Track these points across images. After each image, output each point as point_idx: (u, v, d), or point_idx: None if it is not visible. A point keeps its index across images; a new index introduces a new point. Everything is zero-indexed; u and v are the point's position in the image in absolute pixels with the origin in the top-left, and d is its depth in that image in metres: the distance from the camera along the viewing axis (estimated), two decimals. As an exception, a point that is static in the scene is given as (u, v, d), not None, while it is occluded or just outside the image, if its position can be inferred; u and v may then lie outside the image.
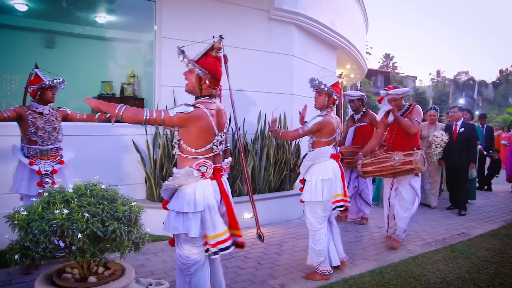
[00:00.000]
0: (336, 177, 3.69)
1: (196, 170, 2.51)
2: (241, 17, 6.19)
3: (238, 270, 3.88)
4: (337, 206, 3.69)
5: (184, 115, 2.43)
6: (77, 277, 2.05)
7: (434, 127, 7.00)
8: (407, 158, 4.30)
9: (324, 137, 3.71)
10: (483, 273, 3.85)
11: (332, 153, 3.74)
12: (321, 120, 3.67)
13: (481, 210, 6.79)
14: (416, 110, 4.55)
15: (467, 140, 6.59)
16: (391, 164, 4.36)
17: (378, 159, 4.51)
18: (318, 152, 3.72)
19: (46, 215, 1.82)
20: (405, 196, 4.55)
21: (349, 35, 9.25)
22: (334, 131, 3.73)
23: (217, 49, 2.74)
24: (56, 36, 7.28)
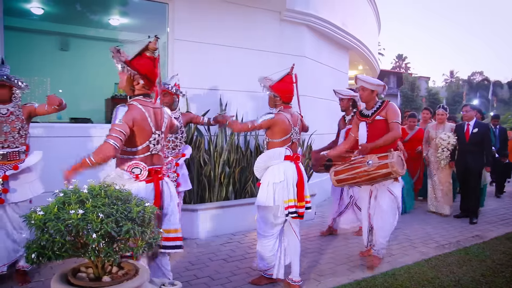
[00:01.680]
0: (289, 181, 3.40)
1: (128, 173, 2.49)
2: (253, 19, 6.21)
3: (250, 271, 3.89)
4: (289, 212, 3.37)
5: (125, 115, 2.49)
6: (92, 276, 2.08)
7: (442, 127, 6.47)
8: (382, 161, 3.71)
9: (276, 137, 3.46)
10: (499, 277, 3.80)
11: (287, 155, 3.46)
12: (271, 118, 3.44)
13: (496, 213, 6.69)
14: (391, 110, 3.94)
15: (481, 142, 6.04)
16: (365, 169, 3.78)
17: (351, 164, 3.93)
18: (270, 154, 3.46)
19: (62, 215, 1.85)
20: (385, 206, 4.01)
21: (361, 35, 9.21)
22: (286, 131, 3.46)
23: (152, 50, 2.73)
24: (71, 38, 7.40)
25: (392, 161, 3.65)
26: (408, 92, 42.29)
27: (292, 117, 3.54)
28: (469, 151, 6.07)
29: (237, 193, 5.41)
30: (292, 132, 3.51)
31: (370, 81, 4.01)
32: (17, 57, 6.36)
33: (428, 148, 6.60)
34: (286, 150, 3.47)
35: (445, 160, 6.28)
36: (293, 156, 3.52)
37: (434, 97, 44.29)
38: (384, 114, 3.93)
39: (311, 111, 7.07)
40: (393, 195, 3.99)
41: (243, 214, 5.24)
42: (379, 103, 4.05)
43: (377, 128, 3.96)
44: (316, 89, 7.37)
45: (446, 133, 6.27)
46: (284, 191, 3.37)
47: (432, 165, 6.53)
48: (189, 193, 5.04)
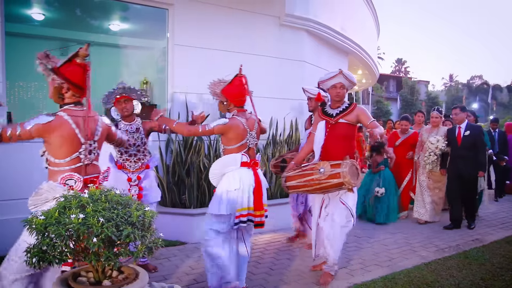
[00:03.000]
0: (245, 189, 3.22)
1: (62, 185, 2.45)
2: (253, 24, 6.24)
3: (250, 275, 3.89)
4: (240, 221, 3.19)
5: (40, 126, 2.42)
6: (92, 280, 2.09)
7: (436, 131, 6.10)
8: (334, 170, 3.36)
9: (232, 143, 3.30)
10: (498, 280, 3.81)
11: (244, 161, 3.29)
12: (224, 123, 3.26)
13: (496, 216, 6.69)
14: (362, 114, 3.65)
15: (474, 145, 5.64)
16: (317, 178, 3.43)
17: (303, 171, 3.59)
18: (225, 160, 3.30)
19: (63, 219, 1.86)
20: (337, 217, 3.65)
21: (360, 40, 9.25)
22: (242, 136, 3.31)
23: (83, 56, 2.64)
24: (71, 44, 7.41)
25: (345, 170, 3.30)
26: (408, 96, 42.35)
27: (247, 121, 3.39)
28: (461, 156, 5.69)
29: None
30: (248, 137, 3.35)
31: (354, 80, 3.75)
32: (18, 63, 6.38)
33: (420, 152, 6.28)
34: (243, 156, 3.31)
35: (430, 165, 5.96)
36: (251, 162, 3.35)
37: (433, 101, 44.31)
38: (350, 118, 3.64)
39: (311, 115, 7.09)
40: (346, 206, 3.64)
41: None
42: (346, 105, 3.72)
43: (338, 131, 3.66)
44: (316, 93, 7.38)
45: (435, 137, 5.95)
46: (238, 199, 3.20)
47: (422, 169, 6.23)
48: (188, 198, 5.05)
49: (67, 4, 6.70)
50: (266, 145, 5.95)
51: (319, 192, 3.61)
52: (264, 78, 6.35)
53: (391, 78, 47.55)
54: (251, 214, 3.23)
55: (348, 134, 3.68)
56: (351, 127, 3.69)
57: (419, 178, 6.30)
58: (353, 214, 3.68)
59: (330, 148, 3.64)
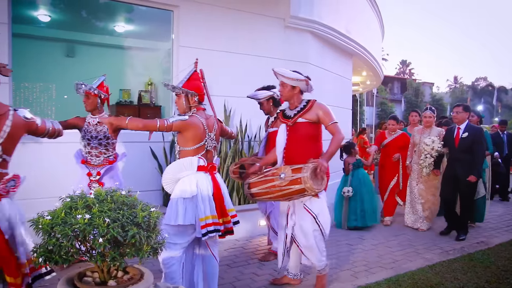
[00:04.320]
0: (203, 195, 2.97)
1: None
2: (258, 26, 6.25)
3: (254, 276, 3.90)
4: (208, 231, 2.92)
5: None
6: (97, 281, 2.10)
7: (429, 132, 5.68)
8: (295, 175, 3.08)
9: (189, 144, 3.05)
10: (504, 283, 3.79)
11: (201, 165, 3.04)
12: (184, 119, 3.03)
13: (501, 219, 6.66)
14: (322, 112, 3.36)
15: (471, 148, 5.21)
16: (278, 184, 3.16)
17: (265, 176, 3.32)
18: (179, 164, 3.04)
19: (69, 219, 1.88)
20: (304, 226, 3.38)
21: (365, 41, 9.24)
22: (200, 137, 3.07)
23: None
24: (76, 45, 7.47)
25: (305, 175, 3.03)
26: (412, 98, 42.23)
27: (207, 121, 3.18)
28: (458, 159, 5.28)
29: (241, 198, 5.43)
30: (206, 139, 3.13)
31: (287, 75, 3.43)
32: (24, 64, 6.43)
33: (413, 156, 5.86)
34: (199, 159, 3.06)
35: (428, 168, 5.55)
36: (208, 167, 3.11)
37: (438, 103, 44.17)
38: (309, 117, 3.36)
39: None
40: (312, 214, 3.37)
41: (247, 219, 5.25)
42: (304, 103, 3.45)
43: (298, 133, 3.39)
44: (320, 95, 7.35)
45: (430, 138, 5.53)
46: (198, 207, 2.95)
47: (413, 174, 5.81)
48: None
49: (73, 6, 6.75)
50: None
51: (282, 199, 3.36)
52: (268, 80, 6.35)
53: (396, 80, 47.47)
54: (216, 223, 2.98)
55: (310, 134, 3.40)
56: (313, 126, 3.40)
57: (410, 184, 5.88)
58: (318, 222, 3.38)
59: (292, 151, 3.39)
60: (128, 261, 2.06)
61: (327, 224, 3.46)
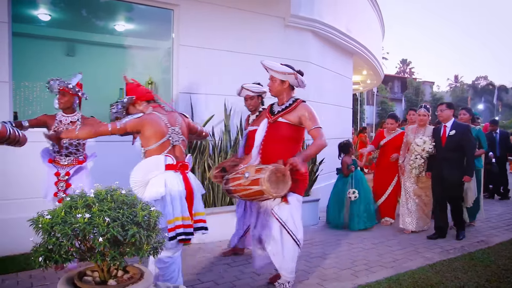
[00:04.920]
0: (173, 196, 2.78)
1: None
2: (258, 25, 6.25)
3: (254, 275, 3.89)
4: (177, 233, 2.74)
5: None
6: (97, 280, 2.10)
7: (423, 131, 5.46)
8: (256, 176, 2.93)
9: (151, 142, 2.89)
10: (504, 282, 3.79)
11: (169, 164, 2.87)
12: (138, 117, 2.91)
13: (501, 218, 6.66)
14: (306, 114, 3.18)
15: (460, 146, 5.02)
16: (242, 183, 3.03)
17: (236, 173, 3.18)
18: (145, 165, 2.87)
19: (69, 219, 1.87)
20: (273, 231, 3.20)
21: (365, 40, 9.24)
22: (162, 132, 2.91)
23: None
24: (77, 44, 7.48)
25: (263, 177, 2.86)
26: (413, 97, 42.20)
27: (168, 115, 3.05)
28: (445, 158, 5.09)
29: (241, 197, 5.43)
30: (170, 133, 2.96)
31: (276, 69, 3.27)
32: (24, 63, 6.43)
33: (406, 155, 5.66)
34: (167, 157, 2.88)
35: (417, 169, 5.34)
36: (177, 165, 2.92)
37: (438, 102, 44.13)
38: (291, 118, 3.19)
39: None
40: (279, 220, 3.17)
41: (247, 218, 5.25)
42: (291, 101, 3.27)
43: (277, 132, 3.22)
44: (321, 94, 7.40)
45: (422, 138, 5.31)
46: (166, 208, 2.76)
47: (407, 174, 5.59)
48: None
49: (73, 5, 6.75)
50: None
51: (248, 199, 3.23)
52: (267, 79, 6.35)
53: (396, 79, 47.44)
54: (186, 225, 2.80)
55: (289, 136, 3.21)
56: (294, 129, 3.22)
57: (404, 184, 5.65)
58: (288, 229, 3.18)
59: (268, 150, 3.21)
60: (128, 260, 2.06)
61: (298, 230, 3.24)
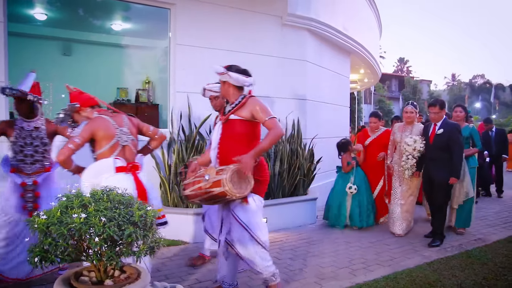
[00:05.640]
0: None
1: None
2: (255, 23, 6.24)
3: (252, 274, 3.88)
4: None
5: None
6: (94, 280, 2.09)
7: (410, 129, 5.26)
8: (217, 177, 2.83)
9: (102, 145, 2.88)
10: (501, 280, 3.80)
11: (119, 166, 2.85)
12: (87, 123, 2.89)
13: (498, 216, 6.67)
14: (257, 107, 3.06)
15: (447, 146, 4.83)
16: (203, 186, 2.91)
17: (195, 177, 3.08)
18: (94, 168, 2.83)
19: (65, 219, 1.87)
20: (235, 233, 3.08)
21: (362, 39, 9.25)
22: (111, 134, 2.91)
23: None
24: (73, 43, 7.45)
25: (224, 177, 2.77)
26: (410, 95, 42.29)
27: (114, 117, 3.06)
28: (432, 158, 4.94)
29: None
30: (118, 134, 2.95)
31: (215, 70, 3.24)
32: (21, 63, 6.40)
33: (393, 155, 5.48)
34: (116, 160, 2.86)
35: (410, 170, 5.06)
36: (128, 166, 2.91)
37: (435, 100, 44.19)
38: (243, 114, 3.07)
39: (313, 115, 7.10)
40: (239, 222, 3.04)
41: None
42: (240, 99, 3.15)
43: (232, 130, 3.09)
44: (318, 93, 7.40)
45: (412, 137, 5.06)
46: None
47: (395, 175, 5.39)
48: (191, 197, 5.05)
49: (70, 4, 6.73)
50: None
51: (209, 203, 3.14)
52: (266, 78, 6.35)
53: (393, 78, 47.55)
54: None
55: (244, 132, 3.08)
56: (247, 124, 3.08)
57: (394, 185, 5.43)
58: (249, 230, 3.05)
59: (226, 150, 3.08)
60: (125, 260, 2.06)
61: (261, 231, 3.12)
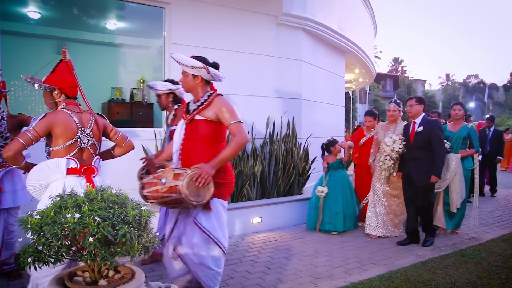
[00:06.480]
0: None
1: None
2: (250, 23, 6.24)
3: (247, 274, 3.89)
4: None
5: None
6: (88, 280, 2.08)
7: (394, 128, 5.15)
8: (174, 182, 2.65)
9: (58, 142, 2.67)
10: (494, 279, 3.82)
11: (72, 167, 2.67)
12: (43, 117, 2.65)
13: (492, 215, 6.72)
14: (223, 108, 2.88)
15: (428, 145, 4.67)
16: (160, 189, 2.73)
17: (153, 178, 2.88)
18: (44, 167, 2.62)
19: (58, 219, 1.85)
20: (194, 239, 2.90)
21: (357, 39, 9.27)
22: (70, 132, 2.70)
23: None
24: (67, 43, 7.40)
25: (181, 184, 2.59)
26: (405, 95, 42.39)
27: (81, 115, 2.84)
28: (413, 158, 4.75)
29: (234, 196, 5.42)
30: (79, 135, 2.75)
31: (185, 62, 2.92)
32: (14, 61, 6.36)
33: (376, 154, 5.29)
34: (69, 161, 2.67)
35: (387, 171, 4.94)
36: (81, 169, 2.71)
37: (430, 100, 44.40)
38: (208, 114, 2.89)
39: (308, 115, 7.10)
40: (202, 229, 2.87)
41: (240, 217, 5.25)
42: (206, 97, 2.95)
43: (196, 131, 2.93)
44: (313, 92, 7.41)
45: (392, 137, 4.91)
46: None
47: (376, 174, 5.22)
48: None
49: (64, 3, 6.69)
50: (263, 144, 5.95)
51: (169, 207, 2.96)
52: (261, 77, 6.35)
53: (388, 77, 47.69)
54: None
55: (209, 134, 2.91)
56: (213, 125, 2.91)
57: (373, 185, 5.27)
58: (213, 237, 2.90)
59: (188, 151, 2.93)
60: (120, 260, 2.04)
61: (225, 238, 3.00)
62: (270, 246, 4.79)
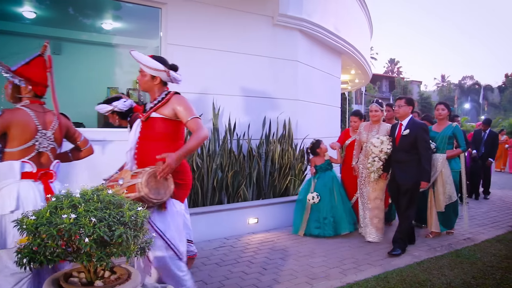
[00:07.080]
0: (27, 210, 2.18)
1: None
2: (246, 24, 6.24)
3: (243, 275, 3.89)
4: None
5: None
6: (84, 281, 2.07)
7: (377, 128, 5.04)
8: (131, 181, 2.55)
9: (14, 144, 2.50)
10: (489, 279, 3.84)
11: (27, 171, 2.50)
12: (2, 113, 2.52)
13: (487, 215, 6.75)
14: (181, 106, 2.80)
15: (413, 148, 4.56)
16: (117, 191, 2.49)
17: (110, 181, 2.77)
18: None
19: (54, 219, 1.84)
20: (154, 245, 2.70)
21: (353, 40, 9.29)
22: (28, 134, 2.53)
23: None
24: (63, 42, 7.37)
25: (139, 181, 2.49)
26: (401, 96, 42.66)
27: (43, 116, 2.67)
28: (397, 160, 4.64)
29: (230, 197, 5.42)
30: (38, 138, 2.58)
31: (145, 63, 2.86)
32: (9, 61, 6.32)
33: (359, 156, 5.21)
34: (24, 164, 2.50)
35: (376, 173, 4.79)
36: (38, 174, 2.54)
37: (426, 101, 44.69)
38: (166, 112, 2.81)
39: (304, 115, 7.11)
40: (156, 229, 2.70)
41: (236, 218, 5.25)
42: (163, 95, 2.88)
43: (152, 130, 2.84)
44: (309, 93, 7.42)
45: (379, 137, 4.77)
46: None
47: (362, 177, 5.11)
48: (182, 197, 5.03)
49: (59, 3, 6.66)
50: (259, 145, 5.95)
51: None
52: (257, 78, 6.35)
53: (384, 78, 47.78)
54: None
55: (166, 132, 2.83)
56: (170, 123, 2.83)
57: (360, 188, 5.17)
58: (166, 239, 2.73)
59: (144, 152, 2.83)
60: (116, 261, 2.04)
61: (179, 240, 2.82)
62: (266, 247, 4.79)
